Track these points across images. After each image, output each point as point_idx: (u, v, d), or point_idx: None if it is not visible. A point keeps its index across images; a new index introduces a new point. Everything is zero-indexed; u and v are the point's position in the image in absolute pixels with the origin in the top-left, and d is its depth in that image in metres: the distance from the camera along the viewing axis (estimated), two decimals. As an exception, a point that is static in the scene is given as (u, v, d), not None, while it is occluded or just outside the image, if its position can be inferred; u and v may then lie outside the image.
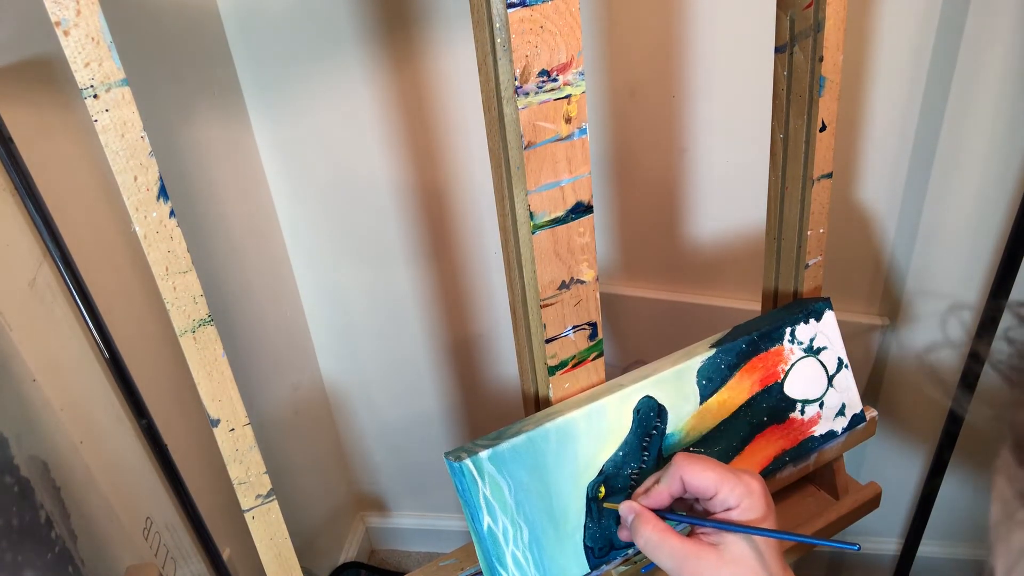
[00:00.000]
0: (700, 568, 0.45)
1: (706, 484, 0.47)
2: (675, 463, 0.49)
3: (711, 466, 0.48)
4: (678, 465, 0.49)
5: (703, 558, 0.46)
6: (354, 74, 1.00)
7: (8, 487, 0.62)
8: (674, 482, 0.49)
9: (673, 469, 0.49)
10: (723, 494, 0.47)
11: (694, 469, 0.48)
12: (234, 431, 0.49)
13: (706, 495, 0.48)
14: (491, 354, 1.24)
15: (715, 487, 0.47)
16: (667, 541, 0.47)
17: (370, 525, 1.52)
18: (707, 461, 0.48)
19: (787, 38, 0.60)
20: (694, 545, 0.47)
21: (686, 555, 0.46)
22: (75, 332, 0.72)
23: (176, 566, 0.85)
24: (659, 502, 0.50)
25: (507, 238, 0.55)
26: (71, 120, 0.75)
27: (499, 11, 0.45)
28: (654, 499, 0.50)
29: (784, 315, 0.63)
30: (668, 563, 0.47)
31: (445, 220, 1.11)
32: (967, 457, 1.15)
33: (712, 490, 0.47)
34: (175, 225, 0.44)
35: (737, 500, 0.47)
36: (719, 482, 0.47)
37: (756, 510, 0.47)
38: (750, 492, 0.47)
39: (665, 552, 0.47)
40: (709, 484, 0.47)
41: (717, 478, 0.47)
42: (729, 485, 0.47)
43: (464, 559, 0.63)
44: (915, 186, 0.96)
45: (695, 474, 0.48)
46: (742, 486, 0.47)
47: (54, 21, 0.38)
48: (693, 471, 0.48)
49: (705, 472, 0.47)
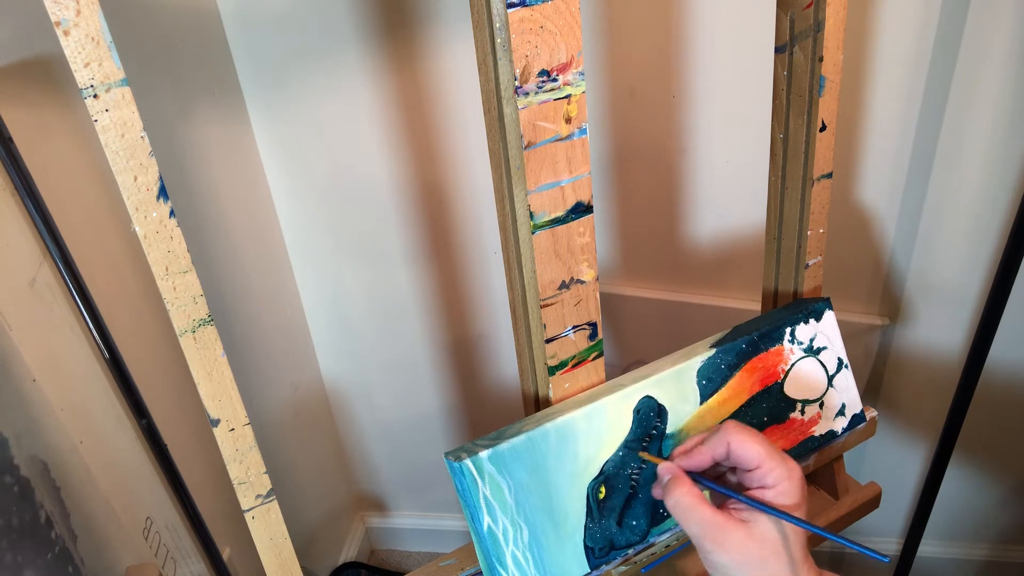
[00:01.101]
0: (726, 540, 0.45)
1: (752, 456, 0.47)
2: (725, 428, 0.48)
3: (760, 440, 0.47)
4: (728, 431, 0.48)
5: (730, 531, 0.45)
6: (354, 74, 1.00)
7: (8, 487, 0.62)
8: (720, 446, 0.48)
9: (722, 434, 0.48)
10: (764, 470, 0.47)
11: (743, 438, 0.47)
12: (234, 431, 0.49)
13: (747, 466, 0.47)
14: (491, 354, 1.24)
15: (759, 461, 0.47)
16: (698, 508, 0.47)
17: (370, 525, 1.52)
18: (756, 434, 0.48)
19: (787, 38, 0.60)
20: (724, 517, 0.46)
21: (714, 525, 0.46)
22: (75, 332, 0.72)
23: (176, 566, 0.85)
24: (699, 464, 0.49)
25: (507, 238, 0.55)
26: (71, 120, 0.75)
27: (499, 11, 0.45)
28: (694, 460, 0.49)
29: (784, 315, 0.63)
30: (695, 529, 0.46)
31: (445, 220, 1.11)
32: (967, 457, 1.16)
33: (755, 463, 0.47)
34: (175, 225, 0.44)
35: (775, 481, 0.46)
36: (764, 458, 0.47)
37: (792, 496, 0.47)
38: (790, 476, 0.47)
39: (694, 518, 0.46)
40: (754, 457, 0.47)
41: (764, 453, 0.47)
42: (772, 463, 0.47)
43: (464, 559, 0.63)
44: (915, 186, 0.96)
45: (744, 443, 0.47)
46: (784, 468, 0.47)
47: (54, 21, 0.38)
48: (742, 440, 0.47)
49: (754, 444, 0.47)
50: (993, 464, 1.16)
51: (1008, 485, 1.18)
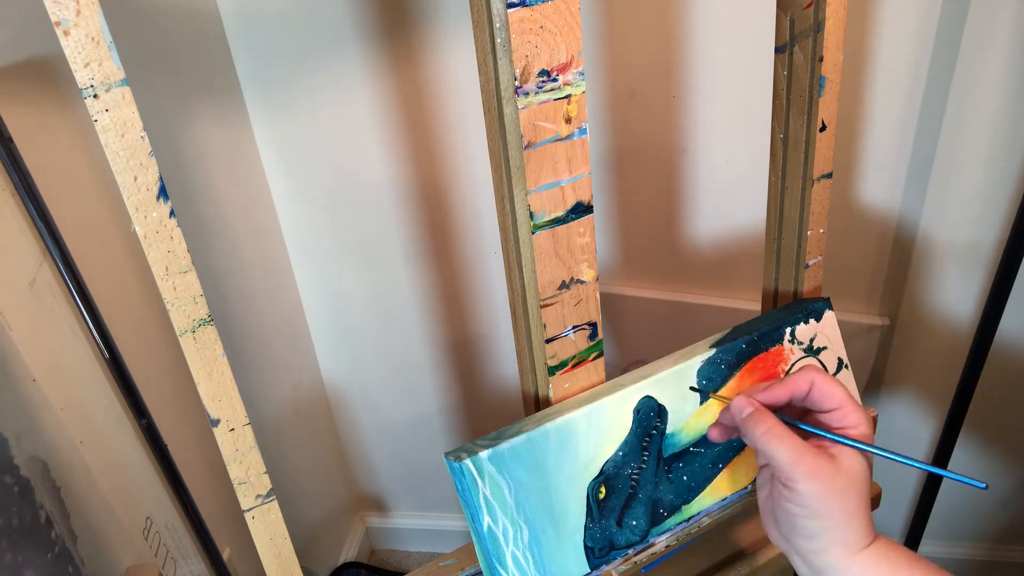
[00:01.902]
0: (819, 467, 0.46)
1: (836, 396, 0.48)
2: (807, 369, 0.50)
3: (840, 383, 0.49)
4: (811, 371, 0.49)
5: (822, 460, 0.46)
6: (354, 74, 1.00)
7: (8, 487, 0.62)
8: (803, 384, 0.49)
9: (805, 373, 0.49)
10: (845, 411, 0.48)
11: (826, 379, 0.49)
12: (234, 431, 0.49)
13: (828, 407, 0.48)
14: (491, 354, 1.24)
15: (841, 402, 0.48)
16: (790, 437, 0.47)
17: (370, 525, 1.52)
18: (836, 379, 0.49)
19: (787, 38, 0.60)
20: (814, 447, 0.47)
21: (806, 452, 0.46)
22: (75, 332, 0.72)
23: (176, 566, 0.85)
24: (777, 398, 0.50)
25: (507, 238, 0.55)
26: (71, 120, 0.75)
27: (499, 11, 0.45)
28: (773, 394, 0.50)
29: (784, 315, 0.63)
30: (785, 457, 0.46)
31: (445, 220, 1.11)
32: (967, 457, 1.16)
33: (837, 403, 0.48)
34: (175, 225, 0.43)
35: (856, 422, 0.48)
36: (846, 399, 0.48)
37: (869, 438, 0.48)
38: (866, 420, 0.48)
39: (786, 446, 0.47)
40: (838, 397, 0.48)
41: (845, 395, 0.48)
42: (852, 405, 0.48)
43: (464, 559, 0.63)
44: (915, 186, 0.96)
45: (827, 383, 0.49)
46: (862, 411, 0.48)
47: (54, 21, 0.38)
48: (825, 380, 0.49)
49: (836, 386, 0.49)
50: (993, 464, 1.16)
51: (1008, 485, 1.18)
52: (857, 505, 0.46)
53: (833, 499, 0.46)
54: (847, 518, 0.46)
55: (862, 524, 0.46)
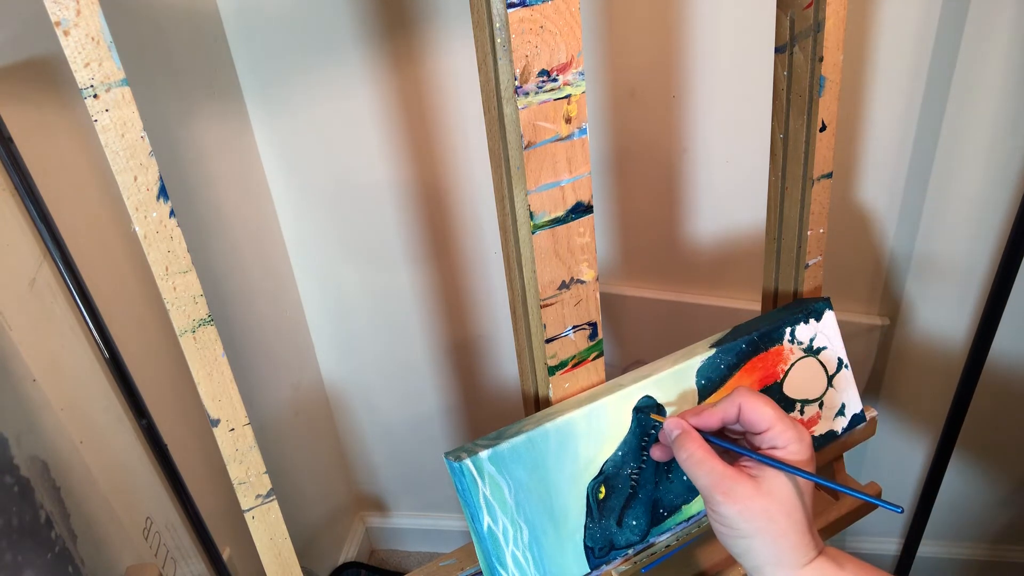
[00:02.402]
0: (735, 492, 0.46)
1: (763, 417, 0.48)
2: (736, 392, 0.49)
3: (770, 403, 0.49)
4: (739, 394, 0.49)
5: (740, 483, 0.46)
6: (354, 74, 1.00)
7: (8, 487, 0.62)
8: (731, 408, 0.49)
9: (734, 396, 0.49)
10: (775, 431, 0.48)
11: (755, 401, 0.49)
12: (234, 431, 0.49)
13: (758, 428, 0.48)
14: (491, 354, 1.24)
15: (770, 423, 0.48)
16: (709, 460, 0.48)
17: (370, 525, 1.52)
18: (766, 398, 0.49)
19: (787, 38, 0.60)
20: (734, 470, 0.47)
21: (724, 476, 0.47)
22: (75, 332, 0.72)
23: (176, 566, 0.85)
24: (707, 424, 0.50)
25: (507, 238, 0.55)
26: (71, 120, 0.75)
27: (499, 11, 0.45)
28: (704, 419, 0.50)
29: (784, 315, 0.63)
30: (704, 481, 0.47)
31: (445, 220, 1.11)
32: (967, 457, 1.16)
33: (766, 425, 0.48)
34: (175, 225, 0.44)
35: (786, 442, 0.48)
36: (775, 419, 0.48)
37: (802, 455, 0.48)
38: (800, 438, 0.48)
39: (704, 469, 0.47)
40: (766, 418, 0.48)
41: (774, 415, 0.48)
42: (783, 425, 0.48)
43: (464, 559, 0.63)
44: (915, 186, 0.96)
45: (755, 405, 0.48)
46: (794, 430, 0.48)
47: (54, 21, 0.38)
48: (754, 402, 0.48)
49: (765, 407, 0.48)
50: (993, 464, 1.16)
51: (1008, 485, 1.18)
52: (786, 525, 0.46)
53: (754, 520, 0.46)
54: (774, 538, 0.46)
55: (794, 543, 0.46)
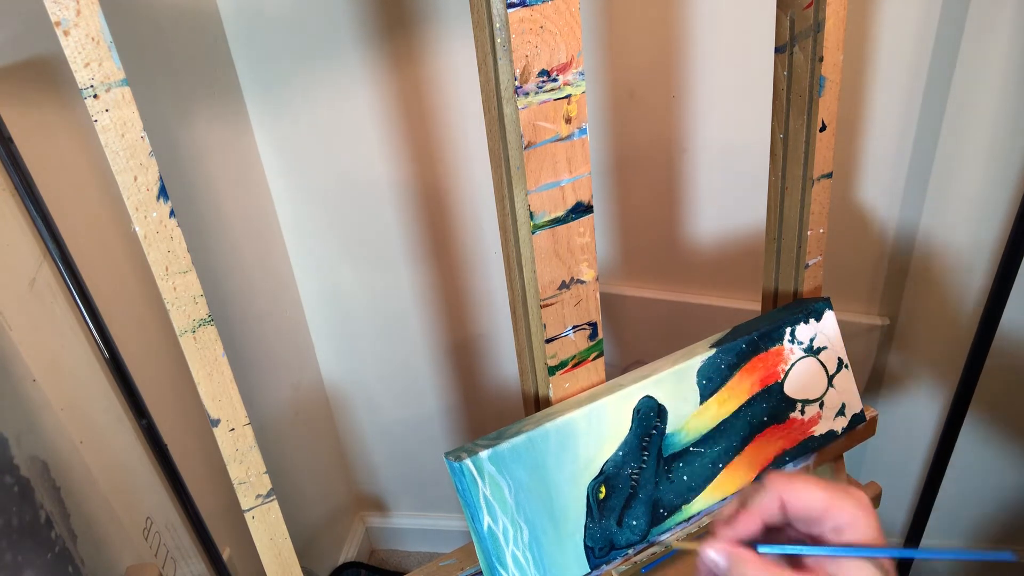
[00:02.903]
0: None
1: (814, 504, 0.39)
2: (771, 485, 0.40)
3: (814, 483, 0.40)
4: (775, 485, 0.40)
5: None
6: (354, 74, 1.00)
7: (8, 487, 0.62)
8: (771, 504, 0.40)
9: (770, 491, 0.40)
10: (833, 513, 0.39)
11: (797, 489, 0.39)
12: (234, 431, 0.49)
13: (812, 515, 0.39)
14: (491, 354, 1.24)
15: (824, 507, 0.39)
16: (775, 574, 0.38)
17: (370, 525, 1.52)
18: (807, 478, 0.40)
19: (787, 38, 0.60)
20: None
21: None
22: (75, 332, 0.72)
23: (176, 566, 0.85)
24: (748, 531, 0.41)
25: (507, 238, 0.55)
26: (71, 120, 0.75)
27: (499, 11, 0.45)
28: (743, 529, 0.41)
29: (784, 315, 0.63)
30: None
31: (445, 220, 1.11)
32: (967, 457, 1.16)
33: (820, 509, 0.39)
34: (175, 225, 0.44)
35: (850, 519, 0.39)
36: (828, 501, 0.39)
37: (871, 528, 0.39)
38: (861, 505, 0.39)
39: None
40: (818, 504, 0.39)
41: (826, 497, 0.39)
42: (840, 502, 0.39)
43: (464, 559, 0.63)
44: (915, 186, 0.96)
45: (800, 494, 0.39)
46: (852, 500, 0.39)
47: (54, 21, 0.38)
48: (797, 491, 0.39)
49: (812, 491, 0.39)
50: (993, 464, 1.16)
51: (1008, 485, 1.18)
52: None
53: None
54: None
55: None
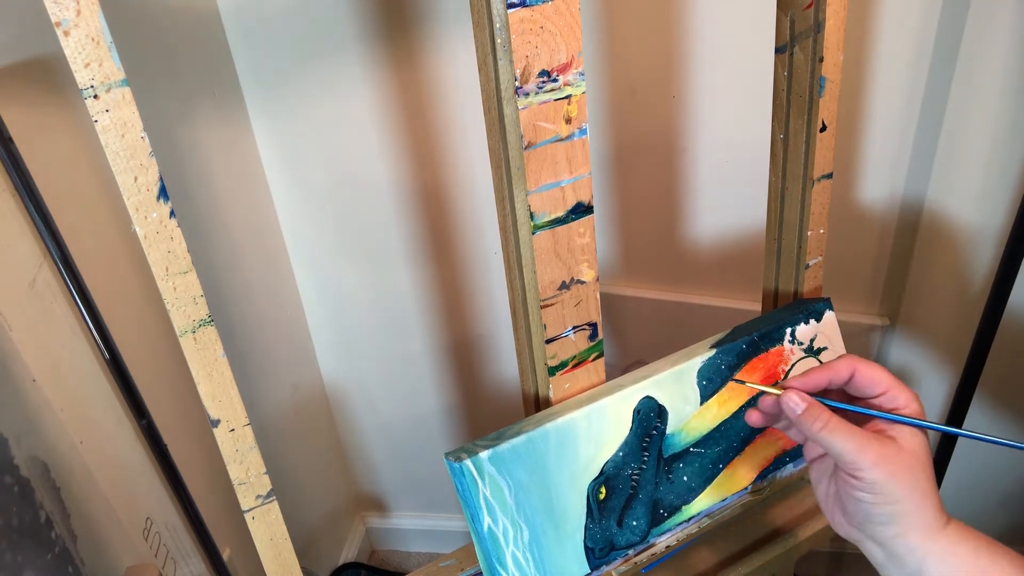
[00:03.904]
0: (883, 452, 0.46)
1: (880, 380, 0.48)
2: (846, 357, 0.50)
3: (881, 367, 0.49)
4: (850, 359, 0.49)
5: (884, 444, 0.46)
6: (354, 74, 1.00)
7: (8, 487, 0.62)
8: (843, 370, 0.49)
9: (846, 360, 0.49)
10: (893, 393, 0.48)
11: (869, 365, 0.49)
12: (234, 431, 0.49)
13: (877, 392, 0.48)
14: (491, 354, 1.24)
15: (887, 385, 0.48)
16: (848, 428, 0.47)
17: (370, 525, 1.52)
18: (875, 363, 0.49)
19: (787, 38, 0.60)
20: (874, 433, 0.47)
21: (868, 439, 0.46)
22: (75, 332, 0.72)
23: (176, 566, 0.85)
24: (816, 385, 0.50)
25: (507, 238, 0.55)
26: (71, 120, 0.75)
27: (499, 11, 0.45)
28: (812, 382, 0.50)
29: (784, 315, 0.63)
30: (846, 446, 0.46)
31: (445, 220, 1.11)
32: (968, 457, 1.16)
33: (884, 387, 0.48)
34: (175, 225, 0.43)
35: (906, 401, 0.48)
36: (891, 382, 0.48)
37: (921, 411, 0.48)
38: (915, 397, 0.48)
39: (845, 435, 0.46)
40: (883, 380, 0.48)
41: (890, 378, 0.48)
42: (899, 386, 0.48)
43: (464, 559, 0.63)
44: (915, 186, 0.96)
45: (871, 369, 0.49)
46: (908, 390, 0.48)
47: (54, 21, 0.38)
48: (868, 367, 0.49)
49: (880, 371, 0.49)
50: (994, 464, 1.16)
51: (1009, 485, 1.18)
52: (927, 484, 0.47)
53: (903, 481, 0.46)
54: (920, 498, 0.46)
55: (935, 503, 0.47)
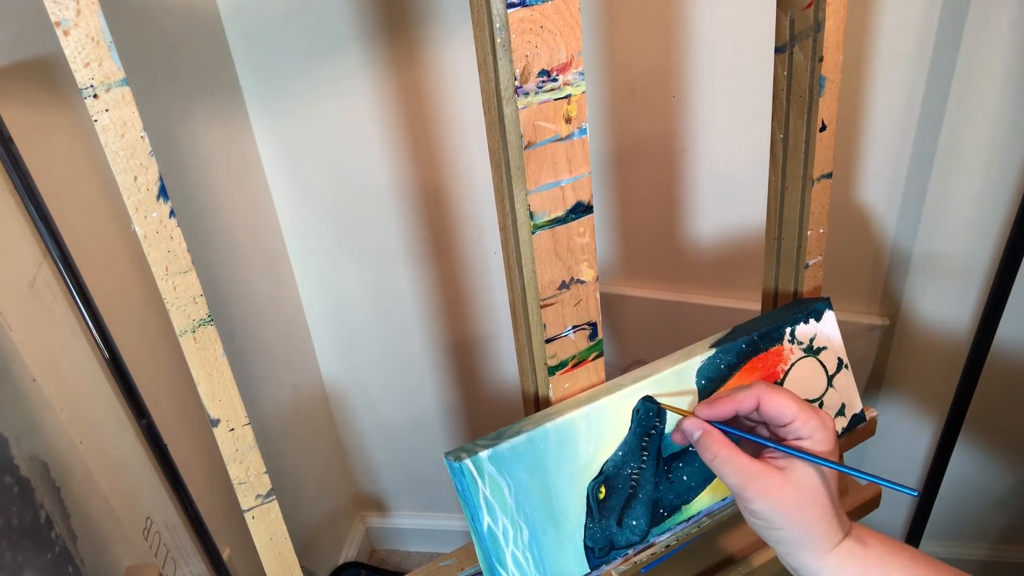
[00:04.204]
0: (766, 487, 0.47)
1: (786, 410, 0.48)
2: (755, 386, 0.50)
3: (790, 394, 0.49)
4: (758, 388, 0.49)
5: (770, 478, 0.47)
6: (354, 74, 1.00)
7: (8, 487, 0.62)
8: (747, 400, 0.50)
9: (752, 390, 0.50)
10: (799, 422, 0.48)
11: (775, 395, 0.49)
12: (234, 431, 0.49)
13: (781, 421, 0.49)
14: (491, 354, 1.24)
15: (793, 414, 0.48)
16: (736, 458, 0.48)
17: (370, 525, 1.52)
18: (785, 390, 0.49)
19: (787, 38, 0.60)
20: (761, 465, 0.48)
21: (753, 474, 0.47)
22: (75, 332, 0.72)
23: (176, 566, 0.85)
24: (722, 414, 0.51)
25: (507, 238, 0.55)
26: (71, 120, 0.75)
27: (499, 11, 0.45)
28: (719, 411, 0.51)
29: (784, 315, 0.63)
30: (734, 479, 0.48)
31: (445, 220, 1.11)
32: (967, 456, 1.16)
33: (790, 417, 0.48)
34: (175, 225, 0.43)
35: (810, 432, 0.48)
36: (798, 411, 0.48)
37: (827, 444, 0.48)
38: (824, 426, 0.48)
39: (732, 468, 0.48)
40: (789, 410, 0.48)
41: (797, 407, 0.48)
42: (806, 415, 0.48)
43: (464, 559, 0.63)
44: (915, 186, 0.96)
45: (776, 400, 0.49)
46: (817, 419, 0.48)
47: (54, 21, 0.38)
48: (774, 396, 0.49)
49: (786, 400, 0.48)
50: (993, 464, 1.16)
51: (1008, 485, 1.18)
52: (812, 512, 0.47)
53: (786, 512, 0.47)
54: (805, 527, 0.47)
55: (823, 529, 0.47)
